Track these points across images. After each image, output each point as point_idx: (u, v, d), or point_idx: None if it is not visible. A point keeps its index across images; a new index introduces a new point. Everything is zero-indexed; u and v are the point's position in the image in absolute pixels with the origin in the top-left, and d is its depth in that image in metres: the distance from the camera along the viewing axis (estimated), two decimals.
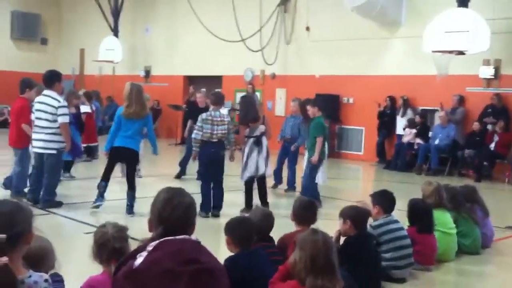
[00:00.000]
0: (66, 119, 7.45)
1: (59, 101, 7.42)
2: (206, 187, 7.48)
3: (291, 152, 9.72)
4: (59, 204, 7.54)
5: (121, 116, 7.21)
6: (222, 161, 7.59)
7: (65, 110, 7.50)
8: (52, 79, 7.55)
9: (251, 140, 7.75)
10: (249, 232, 3.94)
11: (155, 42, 21.18)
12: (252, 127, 7.77)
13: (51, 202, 7.49)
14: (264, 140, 7.84)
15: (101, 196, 7.33)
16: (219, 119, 7.45)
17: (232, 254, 3.87)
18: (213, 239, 5.99)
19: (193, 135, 7.53)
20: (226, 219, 4.99)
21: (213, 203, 7.50)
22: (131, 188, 7.31)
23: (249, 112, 7.82)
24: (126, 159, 7.37)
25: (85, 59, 23.30)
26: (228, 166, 7.91)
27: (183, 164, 10.42)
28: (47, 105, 7.37)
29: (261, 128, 7.82)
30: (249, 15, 17.22)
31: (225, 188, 7.82)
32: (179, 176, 10.36)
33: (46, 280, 2.50)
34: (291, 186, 9.73)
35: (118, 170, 8.43)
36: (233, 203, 7.92)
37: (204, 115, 7.47)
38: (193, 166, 9.64)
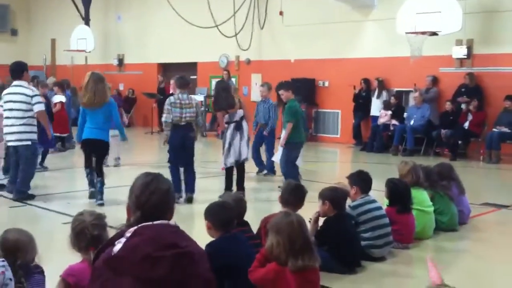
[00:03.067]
0: (42, 107, 7.40)
1: (32, 90, 7.35)
2: (174, 169, 7.40)
3: (266, 136, 9.72)
4: (31, 197, 7.43)
5: (82, 106, 7.20)
6: (192, 145, 7.56)
7: (40, 99, 7.45)
8: (19, 69, 7.44)
9: (232, 125, 7.70)
10: (229, 216, 3.94)
11: (127, 30, 20.91)
12: (230, 112, 7.72)
13: (24, 194, 7.40)
14: (245, 124, 7.82)
15: (91, 183, 7.34)
16: (187, 101, 7.40)
17: (212, 239, 3.87)
18: (188, 225, 5.98)
19: (163, 119, 7.45)
20: (200, 205, 4.97)
21: (185, 187, 7.41)
22: (99, 175, 7.24)
23: (223, 98, 7.75)
24: (94, 149, 7.26)
25: (56, 49, 22.95)
26: (205, 153, 7.88)
27: None
28: (20, 95, 7.26)
29: (240, 112, 7.78)
30: (222, 0, 17.09)
31: (202, 174, 7.78)
32: None
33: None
34: (270, 170, 9.74)
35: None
36: (208, 189, 7.90)
37: (172, 99, 7.42)
38: None
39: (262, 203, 7.58)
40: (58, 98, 10.90)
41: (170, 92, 10.71)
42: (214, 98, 7.84)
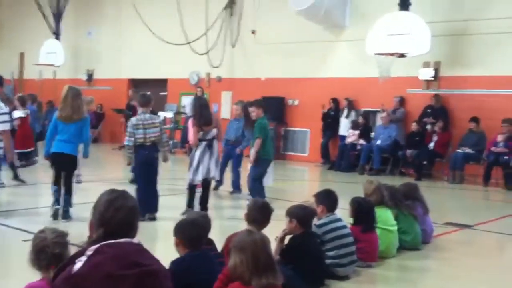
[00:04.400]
0: (6, 126, 7.24)
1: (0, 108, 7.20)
2: (143, 188, 7.30)
3: (235, 154, 9.72)
4: None
5: (56, 119, 7.09)
6: (156, 163, 7.49)
7: (6, 117, 7.29)
8: None
9: (204, 143, 7.66)
10: (199, 234, 3.94)
11: (98, 45, 20.81)
12: (205, 130, 7.67)
13: None
14: (215, 144, 7.80)
15: (56, 201, 7.14)
16: (150, 121, 7.31)
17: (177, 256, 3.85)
18: (152, 243, 5.90)
19: (125, 142, 7.37)
20: (165, 222, 4.88)
21: (148, 205, 7.24)
22: (68, 192, 7.14)
23: (203, 114, 7.71)
24: (63, 164, 7.16)
25: (25, 63, 22.66)
26: (172, 170, 7.82)
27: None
28: None
29: (214, 132, 7.75)
30: (195, 18, 17.16)
31: (169, 191, 7.70)
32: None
33: None
34: (236, 188, 9.73)
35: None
36: (175, 206, 7.83)
37: (134, 120, 7.32)
38: None
39: (227, 221, 7.56)
40: (18, 113, 10.66)
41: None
42: (197, 114, 7.70)
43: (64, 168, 7.18)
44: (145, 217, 7.06)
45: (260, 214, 4.71)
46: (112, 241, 2.64)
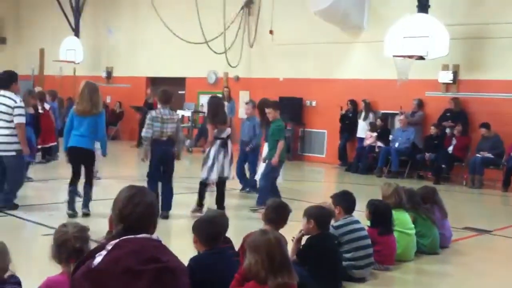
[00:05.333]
0: (22, 119, 7.29)
1: (15, 101, 7.27)
2: (153, 186, 7.30)
3: (251, 154, 9.73)
4: (15, 207, 7.36)
5: (73, 113, 7.19)
6: (172, 160, 7.57)
7: (21, 111, 7.33)
8: (8, 79, 7.42)
9: (218, 142, 7.70)
10: (217, 232, 3.94)
11: (117, 43, 20.93)
12: (220, 128, 7.72)
13: (10, 203, 7.32)
14: (230, 143, 7.83)
15: (72, 202, 7.17)
16: (168, 117, 7.42)
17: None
18: (167, 240, 5.89)
19: (143, 134, 7.46)
20: (180, 220, 4.87)
21: (162, 203, 7.26)
22: (88, 183, 7.22)
23: (219, 113, 7.75)
24: (81, 158, 7.24)
25: (45, 59, 22.87)
26: (189, 168, 7.82)
27: None
28: (4, 105, 7.21)
29: (228, 130, 7.79)
30: (213, 17, 17.17)
31: (185, 190, 7.70)
32: None
33: None
34: (253, 187, 9.72)
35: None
36: (190, 204, 7.82)
37: (153, 113, 7.43)
38: None
39: (244, 220, 7.56)
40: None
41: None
42: (213, 112, 7.77)
43: (82, 163, 7.25)
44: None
45: (276, 214, 4.69)
46: (131, 236, 2.65)
